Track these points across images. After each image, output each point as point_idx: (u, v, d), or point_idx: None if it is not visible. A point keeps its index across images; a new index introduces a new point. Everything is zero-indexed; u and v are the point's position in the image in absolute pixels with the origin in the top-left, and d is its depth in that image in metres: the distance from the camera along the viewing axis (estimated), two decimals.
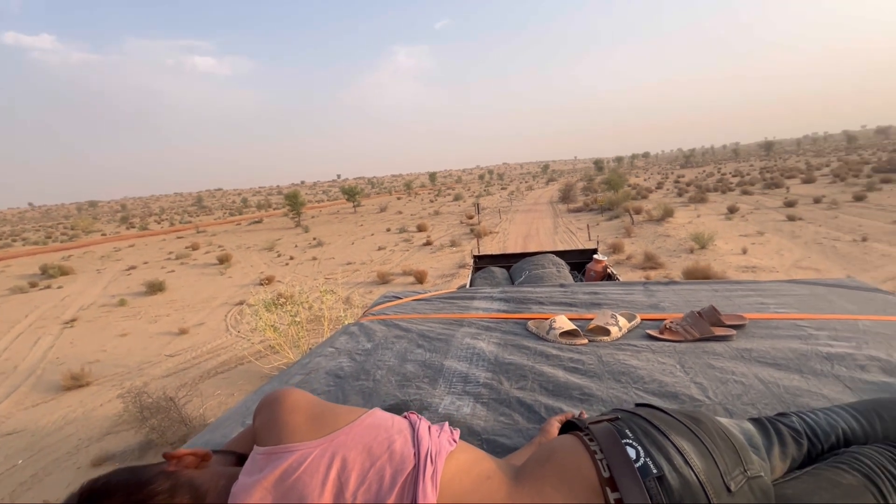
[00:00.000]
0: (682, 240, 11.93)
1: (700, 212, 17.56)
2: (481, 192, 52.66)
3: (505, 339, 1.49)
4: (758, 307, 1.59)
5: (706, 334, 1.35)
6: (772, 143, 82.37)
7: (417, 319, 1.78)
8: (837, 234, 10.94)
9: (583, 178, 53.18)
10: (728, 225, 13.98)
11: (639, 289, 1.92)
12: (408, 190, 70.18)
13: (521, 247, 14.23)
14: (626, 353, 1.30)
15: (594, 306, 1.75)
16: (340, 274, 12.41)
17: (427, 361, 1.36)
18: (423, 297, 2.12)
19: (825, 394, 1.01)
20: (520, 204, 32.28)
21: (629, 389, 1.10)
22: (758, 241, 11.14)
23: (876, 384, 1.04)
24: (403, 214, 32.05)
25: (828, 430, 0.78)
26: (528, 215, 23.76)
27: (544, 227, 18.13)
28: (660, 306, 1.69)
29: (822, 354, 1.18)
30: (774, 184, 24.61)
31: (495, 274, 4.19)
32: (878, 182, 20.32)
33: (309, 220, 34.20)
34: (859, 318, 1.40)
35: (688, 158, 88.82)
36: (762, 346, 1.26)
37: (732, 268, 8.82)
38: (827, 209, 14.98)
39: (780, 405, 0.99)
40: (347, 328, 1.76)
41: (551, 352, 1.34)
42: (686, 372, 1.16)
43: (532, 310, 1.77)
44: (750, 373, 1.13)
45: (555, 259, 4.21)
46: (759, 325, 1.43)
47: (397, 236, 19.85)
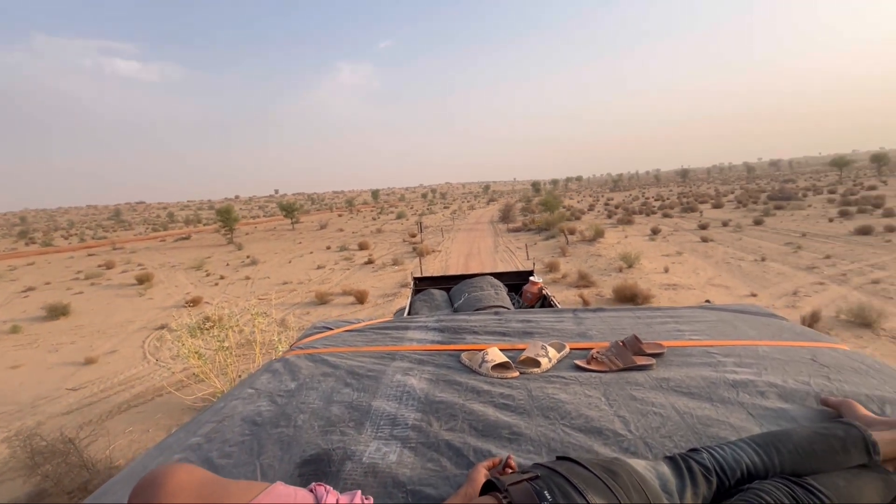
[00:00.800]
0: (612, 259, 12.68)
1: (627, 233, 18.85)
2: (424, 211, 53.00)
3: (437, 373, 1.46)
4: (675, 334, 1.68)
5: (629, 364, 1.41)
6: (687, 171, 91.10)
7: (348, 353, 1.70)
8: (742, 255, 12.18)
9: (521, 198, 55.31)
10: (652, 245, 15.10)
11: (569, 316, 1.98)
12: (350, 207, 69.03)
13: (462, 265, 14.40)
14: (555, 386, 1.31)
15: (527, 335, 1.77)
16: (276, 294, 11.80)
17: (354, 402, 1.28)
18: (355, 327, 2.04)
19: (732, 422, 1.08)
20: (462, 223, 32.83)
21: (557, 426, 1.11)
22: (677, 261, 12.11)
23: (774, 410, 1.13)
24: (345, 232, 31.37)
25: (734, 466, 0.82)
26: (470, 234, 24.19)
27: (485, 247, 18.52)
28: (588, 335, 1.74)
29: (729, 382, 1.26)
30: (690, 208, 27.10)
31: (435, 296, 4.17)
32: (772, 208, 23.06)
33: (243, 237, 32.43)
34: (759, 343, 1.53)
35: (616, 183, 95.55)
36: (678, 375, 1.33)
37: (656, 285, 9.49)
38: (733, 232, 16.69)
39: (693, 436, 1.04)
40: (270, 365, 1.64)
41: (483, 387, 1.33)
42: (610, 405, 1.19)
43: (466, 340, 1.76)
44: (667, 403, 1.18)
45: (493, 281, 4.28)
46: (675, 353, 1.51)
47: (338, 255, 19.34)
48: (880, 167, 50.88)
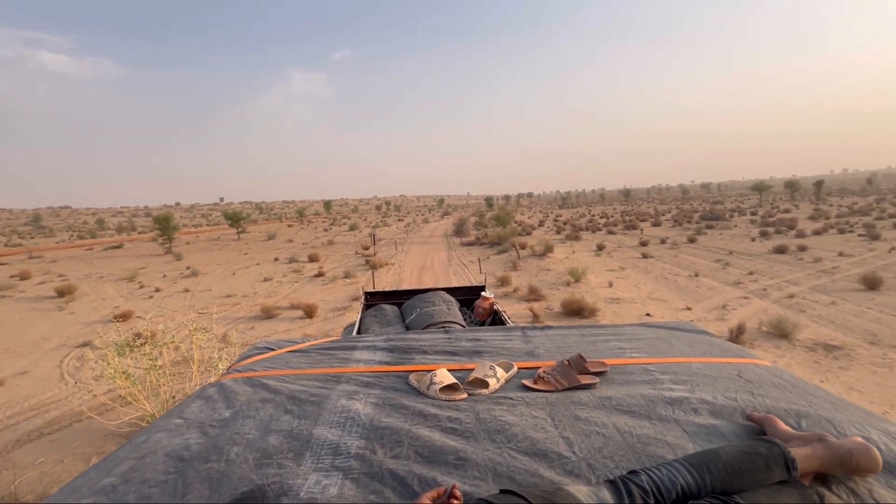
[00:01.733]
0: (560, 274, 13.11)
1: (575, 248, 19.61)
2: (378, 223, 52.51)
3: (384, 397, 1.41)
4: (617, 352, 1.75)
5: (574, 383, 1.44)
6: (629, 191, 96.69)
7: (290, 376, 1.61)
8: (678, 271, 13.01)
9: (475, 213, 56.22)
10: (597, 260, 15.79)
11: (517, 334, 2.00)
12: (300, 217, 67.02)
13: (416, 279, 14.33)
14: (503, 408, 1.31)
15: (476, 355, 1.77)
16: (218, 308, 11.14)
17: (294, 431, 1.21)
18: (299, 347, 1.95)
19: (668, 440, 1.12)
20: (416, 236, 32.80)
21: (503, 450, 1.10)
22: (620, 276, 12.73)
23: (706, 427, 1.18)
24: (294, 243, 30.36)
25: (669, 487, 0.85)
26: (424, 247, 24.19)
27: (439, 260, 18.57)
28: (535, 353, 1.77)
29: (666, 399, 1.32)
30: (632, 226, 28.71)
31: (386, 312, 4.11)
32: (704, 228, 24.92)
33: (183, 247, 30.50)
34: (692, 360, 1.62)
35: (564, 200, 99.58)
36: (620, 394, 1.37)
37: (601, 299, 9.90)
38: (670, 249, 17.82)
39: (633, 456, 1.07)
40: (203, 391, 1.52)
41: (430, 410, 1.30)
42: (556, 426, 1.21)
43: (415, 360, 1.73)
44: (609, 422, 1.21)
45: (445, 296, 4.28)
46: (618, 371, 1.56)
47: (286, 266, 18.63)
48: (793, 193, 56.88)
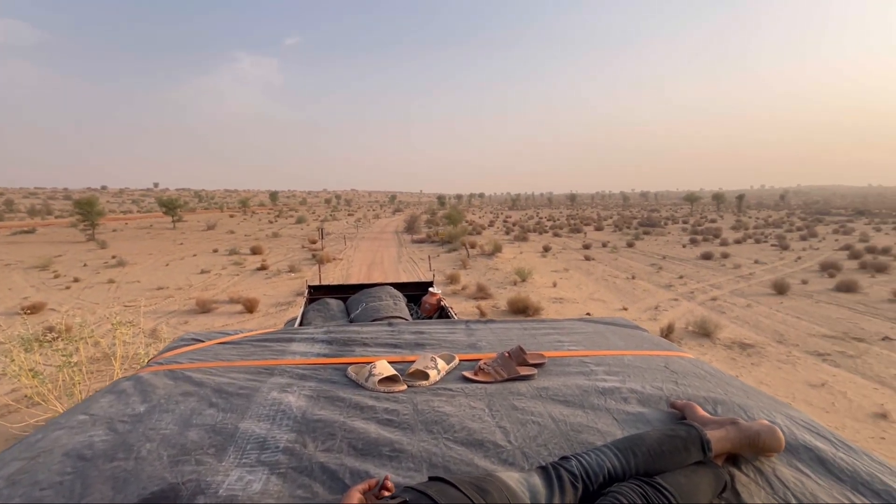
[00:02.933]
0: (508, 273, 13.41)
1: (522, 249, 20.15)
2: (327, 217, 51.10)
3: (320, 389, 1.36)
4: (556, 345, 1.79)
5: (513, 374, 1.45)
6: (575, 196, 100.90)
7: (219, 368, 1.51)
8: (617, 273, 13.74)
9: (427, 210, 56.24)
10: (543, 261, 16.32)
11: (461, 328, 2.01)
12: (244, 208, 63.75)
13: (365, 274, 14.08)
14: (442, 399, 1.30)
15: (418, 347, 1.75)
16: (147, 301, 10.34)
17: (218, 425, 1.13)
18: (231, 339, 1.83)
19: (599, 428, 1.16)
20: (366, 231, 32.26)
21: (440, 440, 1.09)
22: (564, 277, 13.23)
23: (634, 415, 1.24)
24: (236, 234, 28.84)
25: (598, 471, 0.87)
26: (374, 243, 23.85)
27: (389, 256, 18.38)
28: (477, 346, 1.78)
29: (599, 389, 1.37)
30: (576, 229, 29.97)
31: (330, 306, 3.99)
32: (641, 233, 26.49)
33: (108, 235, 28.02)
34: (625, 353, 1.70)
35: (514, 202, 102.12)
36: (556, 384, 1.40)
37: (546, 299, 10.24)
38: (610, 252, 18.78)
39: (566, 443, 1.09)
40: (117, 384, 1.38)
41: (367, 402, 1.27)
42: (493, 416, 1.21)
43: (355, 352, 1.68)
44: (545, 412, 1.24)
45: (392, 291, 4.22)
46: (555, 363, 1.60)
47: (226, 258, 17.65)
48: (719, 205, 62.11)
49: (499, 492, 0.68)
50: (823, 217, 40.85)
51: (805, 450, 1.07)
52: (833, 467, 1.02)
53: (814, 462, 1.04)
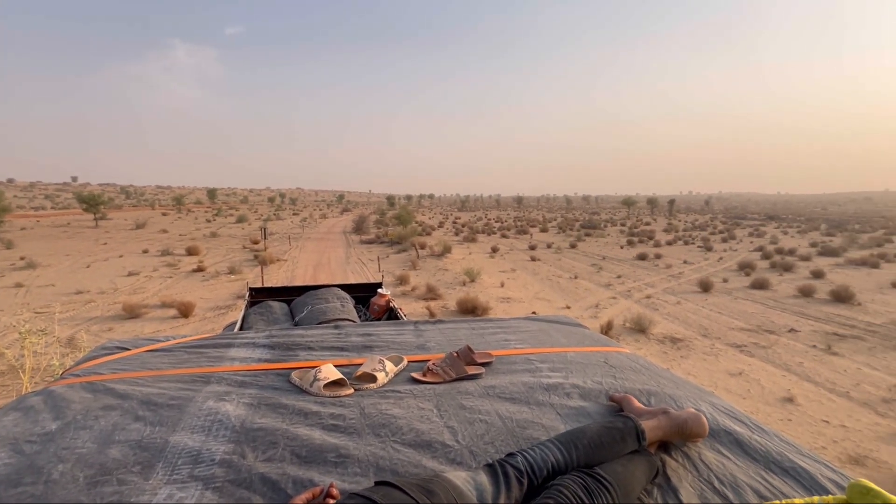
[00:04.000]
0: (457, 274, 13.54)
1: (471, 250, 20.43)
2: (271, 216, 49.01)
3: (261, 396, 1.29)
4: (503, 344, 1.83)
5: (461, 374, 1.47)
6: (522, 198, 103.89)
7: (147, 378, 1.39)
8: (561, 273, 14.30)
9: (376, 211, 55.53)
10: (491, 262, 16.64)
11: (409, 329, 2.00)
12: (178, 206, 59.59)
13: (311, 276, 13.65)
14: (390, 402, 1.28)
15: (366, 349, 1.72)
16: (63, 307, 9.37)
17: (145, 440, 1.04)
18: (161, 346, 1.70)
19: (544, 423, 1.20)
20: (313, 231, 31.29)
21: (387, 444, 1.07)
22: (511, 277, 13.57)
23: (576, 409, 1.29)
24: (170, 234, 26.91)
25: (542, 465, 0.90)
26: (321, 243, 23.18)
27: (336, 257, 17.94)
28: (426, 346, 1.78)
29: (544, 386, 1.41)
30: (523, 231, 30.83)
31: (273, 309, 3.82)
32: (583, 235, 27.77)
33: (16, 234, 25.11)
34: (568, 350, 1.77)
35: (463, 203, 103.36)
36: (503, 382, 1.43)
37: (494, 298, 10.44)
38: (555, 253, 19.51)
39: (512, 440, 1.12)
40: (23, 401, 1.24)
41: (312, 408, 1.22)
42: (441, 416, 1.21)
43: (300, 357, 1.62)
44: (492, 410, 1.26)
45: (339, 293, 4.12)
46: (502, 361, 1.64)
47: (158, 260, 16.41)
48: (652, 209, 66.63)
49: (445, 492, 0.68)
50: (741, 221, 44.98)
51: (725, 434, 1.17)
52: (749, 449, 1.12)
53: (733, 445, 1.13)
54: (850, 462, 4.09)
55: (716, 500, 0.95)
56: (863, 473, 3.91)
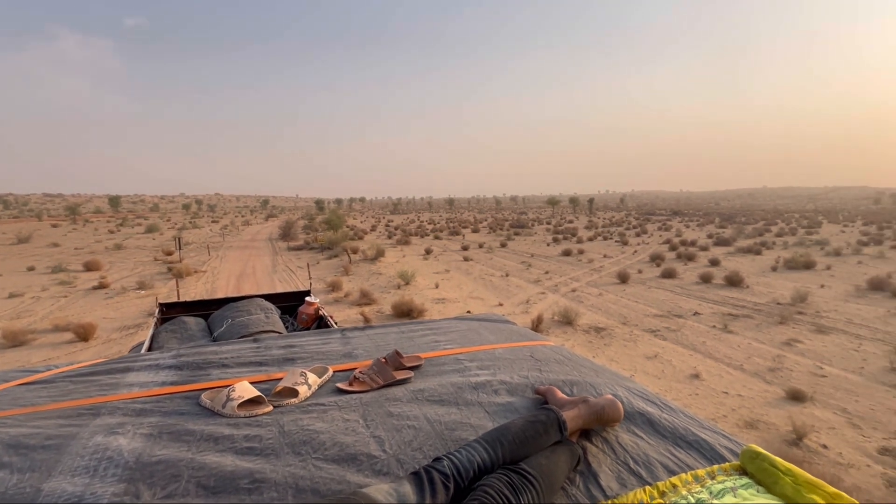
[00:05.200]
0: (391, 277, 13.40)
1: (405, 252, 20.34)
2: (186, 224, 45.20)
3: (163, 424, 1.16)
4: (432, 345, 1.82)
5: (389, 380, 1.43)
6: (453, 200, 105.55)
7: (16, 417, 1.19)
8: (493, 272, 14.69)
9: (304, 216, 53.41)
10: (425, 264, 16.68)
11: (336, 336, 1.92)
12: (73, 216, 52.90)
13: (234, 287, 12.77)
14: (312, 416, 1.21)
15: (288, 362, 1.62)
16: None
17: (10, 492, 0.88)
18: (39, 377, 1.47)
19: (472, 423, 1.20)
20: (235, 240, 29.34)
21: (308, 462, 1.01)
22: (445, 278, 13.69)
23: (504, 405, 1.31)
24: (63, 248, 23.83)
25: (468, 466, 0.89)
26: (245, 252, 21.80)
27: (262, 266, 16.96)
28: (353, 354, 1.71)
29: (472, 384, 1.41)
30: (455, 232, 31.30)
31: (188, 326, 3.51)
32: (512, 234, 28.81)
33: None
34: (496, 347, 1.79)
35: (396, 206, 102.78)
36: (432, 384, 1.41)
37: (429, 300, 10.47)
38: (487, 252, 20.02)
39: (440, 443, 1.10)
40: None
41: (223, 431, 1.12)
42: (368, 426, 1.17)
43: (212, 376, 1.48)
44: (421, 414, 1.23)
45: (263, 304, 3.88)
46: (432, 364, 1.62)
47: (48, 277, 14.44)
48: (574, 207, 70.96)
49: None
50: (651, 217, 49.31)
51: (639, 415, 1.24)
52: (659, 427, 1.20)
53: (645, 425, 1.21)
54: (746, 427, 4.62)
55: (631, 480, 1.00)
56: (756, 435, 4.44)
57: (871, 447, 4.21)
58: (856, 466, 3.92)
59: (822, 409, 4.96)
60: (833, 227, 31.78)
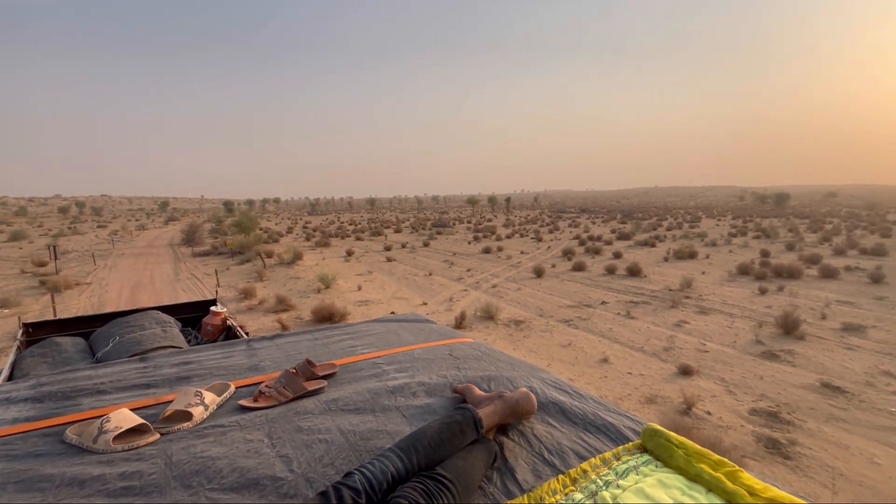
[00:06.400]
0: (310, 281, 12.80)
1: (325, 255, 19.59)
2: (64, 230, 39.29)
3: (10, 472, 0.95)
4: (349, 351, 1.73)
5: (299, 392, 1.33)
6: (374, 200, 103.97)
7: None
8: (416, 271, 14.69)
9: (211, 219, 49.20)
10: (347, 266, 16.20)
11: (241, 349, 1.76)
12: None
13: (127, 299, 11.34)
14: (208, 440, 1.08)
15: (181, 382, 1.44)
16: None
17: None
18: None
19: (389, 429, 1.15)
20: (128, 247, 26.13)
21: (201, 494, 0.89)
22: (368, 279, 13.41)
23: (422, 407, 1.28)
24: None
25: (381, 479, 0.84)
26: (141, 260, 19.50)
27: (162, 275, 15.29)
28: (260, 367, 1.57)
29: (389, 389, 1.37)
30: (377, 232, 30.86)
31: (62, 347, 3.02)
32: (435, 233, 29.11)
33: None
34: (415, 347, 1.76)
35: (314, 207, 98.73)
36: (347, 393, 1.34)
37: (351, 303, 10.17)
38: (409, 252, 19.98)
39: (354, 455, 1.04)
40: None
41: (93, 472, 0.95)
42: (274, 445, 1.07)
43: (82, 406, 1.26)
44: (334, 426, 1.16)
45: (160, 317, 3.47)
46: (347, 370, 1.54)
47: None
48: (493, 206, 73.73)
49: None
50: (562, 214, 52.81)
51: (552, 405, 1.28)
52: (571, 414, 1.25)
53: (558, 414, 1.25)
54: (647, 402, 5.10)
55: (546, 470, 1.02)
56: (655, 409, 4.91)
57: (744, 409, 4.88)
58: (733, 427, 4.51)
59: (706, 381, 5.64)
60: (710, 222, 36.61)
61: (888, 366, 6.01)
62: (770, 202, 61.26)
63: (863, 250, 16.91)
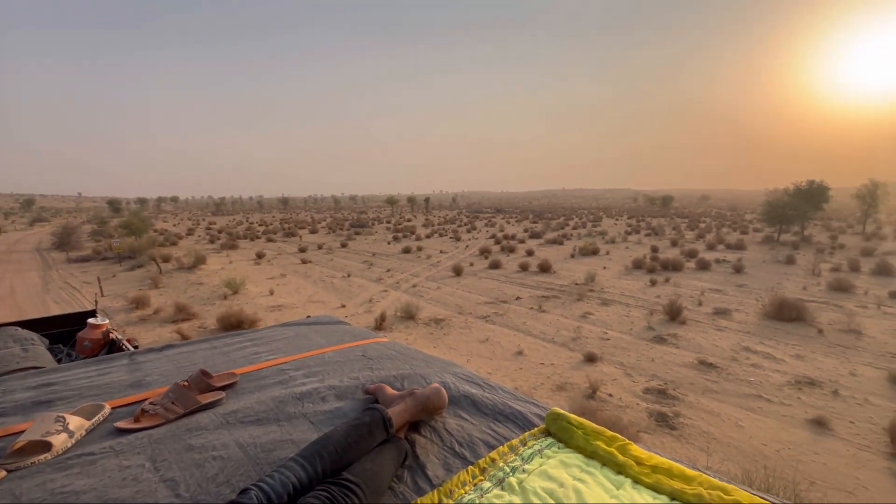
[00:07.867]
0: (215, 286, 11.78)
1: (232, 258, 18.14)
2: None
3: None
4: (252, 358, 1.61)
5: (192, 406, 1.20)
6: (287, 199, 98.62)
7: None
8: (333, 273, 14.21)
9: (92, 219, 43.12)
10: (257, 269, 15.17)
11: (122, 363, 1.54)
12: None
13: None
14: (72, 473, 0.93)
15: (40, 407, 1.23)
16: None
17: None
18: None
19: (294, 438, 1.08)
20: None
21: None
22: (281, 283, 12.68)
23: (331, 412, 1.22)
24: None
25: (280, 491, 0.79)
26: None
27: (27, 284, 13.04)
28: (144, 382, 1.40)
29: (297, 395, 1.29)
30: (291, 233, 29.31)
31: None
32: (353, 234, 28.41)
33: None
34: (326, 350, 1.69)
35: (218, 206, 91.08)
36: (248, 403, 1.24)
37: (263, 308, 9.53)
38: (326, 254, 19.27)
39: (254, 470, 0.96)
40: None
41: None
42: (157, 469, 0.95)
43: None
44: (231, 441, 1.06)
45: (18, 333, 2.94)
46: (250, 379, 1.43)
47: None
48: (412, 206, 73.92)
49: None
50: (479, 214, 54.59)
51: (464, 398, 1.30)
52: (482, 406, 1.28)
53: (470, 406, 1.27)
54: (558, 390, 5.45)
55: (456, 463, 1.03)
56: (565, 395, 5.27)
57: (639, 389, 5.42)
58: (630, 406, 4.99)
59: (607, 366, 6.18)
60: (610, 221, 40.30)
61: (747, 342, 7.07)
62: (658, 204, 68.99)
63: (728, 245, 19.78)
